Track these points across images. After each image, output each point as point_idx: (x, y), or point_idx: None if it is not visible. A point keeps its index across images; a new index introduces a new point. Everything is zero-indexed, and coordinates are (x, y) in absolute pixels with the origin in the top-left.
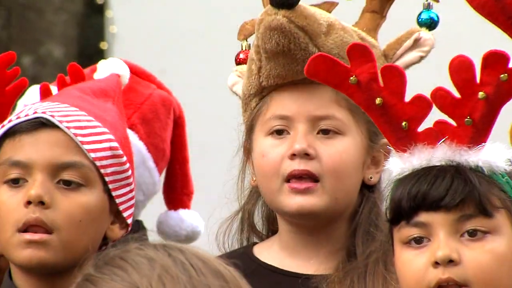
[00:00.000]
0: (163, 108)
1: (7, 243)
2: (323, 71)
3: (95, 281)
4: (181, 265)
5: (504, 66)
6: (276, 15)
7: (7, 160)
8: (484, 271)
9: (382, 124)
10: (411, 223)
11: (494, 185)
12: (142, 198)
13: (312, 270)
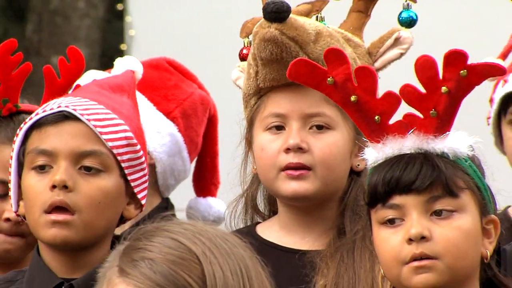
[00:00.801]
0: (201, 106)
1: (35, 223)
2: (303, 74)
3: (144, 248)
4: (220, 237)
5: (463, 63)
6: (269, 28)
7: (35, 149)
8: (452, 245)
9: (357, 118)
10: (386, 205)
11: (459, 168)
12: (174, 182)
13: (307, 246)
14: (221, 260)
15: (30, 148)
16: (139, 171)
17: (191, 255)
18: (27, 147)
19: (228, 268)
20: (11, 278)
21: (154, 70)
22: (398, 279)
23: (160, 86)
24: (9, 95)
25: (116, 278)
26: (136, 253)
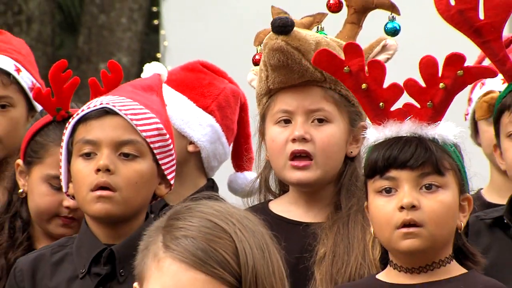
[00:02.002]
0: (233, 98)
1: (83, 200)
2: (325, 62)
3: (185, 228)
4: (245, 218)
5: (461, 64)
6: (276, 39)
7: (81, 140)
8: (436, 215)
9: (364, 103)
10: (384, 177)
11: (445, 152)
12: (217, 164)
13: (310, 219)
14: (249, 238)
15: (77, 138)
16: (169, 156)
17: (226, 234)
18: (75, 138)
19: (254, 245)
20: (63, 243)
21: (191, 72)
22: (389, 241)
23: (196, 86)
24: (61, 104)
25: (163, 253)
26: (178, 232)
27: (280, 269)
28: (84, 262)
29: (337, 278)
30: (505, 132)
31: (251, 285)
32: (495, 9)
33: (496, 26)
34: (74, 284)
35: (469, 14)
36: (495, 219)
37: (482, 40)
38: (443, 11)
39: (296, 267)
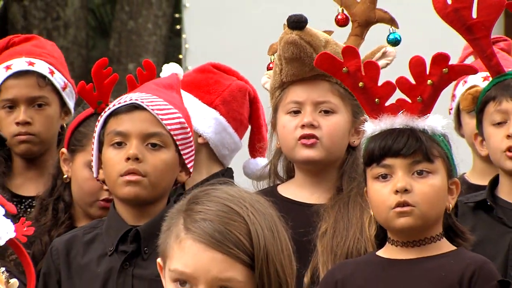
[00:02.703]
0: (239, 93)
1: (114, 184)
2: (326, 63)
3: (203, 212)
4: (256, 201)
5: (446, 63)
6: (291, 34)
7: (113, 131)
8: (427, 197)
9: (362, 99)
10: (380, 165)
11: (434, 142)
12: (228, 152)
13: (314, 200)
14: (260, 220)
15: (109, 130)
16: (189, 147)
17: (240, 217)
18: (106, 129)
19: (265, 226)
20: (94, 225)
21: (201, 73)
22: (386, 220)
23: (203, 84)
24: (102, 98)
25: (184, 235)
26: (197, 215)
27: (287, 246)
28: (112, 241)
29: (336, 250)
30: (490, 120)
31: (262, 262)
32: (487, 9)
33: (487, 25)
34: (103, 261)
35: (463, 13)
36: (478, 203)
37: (473, 37)
38: (440, 9)
39: (300, 241)
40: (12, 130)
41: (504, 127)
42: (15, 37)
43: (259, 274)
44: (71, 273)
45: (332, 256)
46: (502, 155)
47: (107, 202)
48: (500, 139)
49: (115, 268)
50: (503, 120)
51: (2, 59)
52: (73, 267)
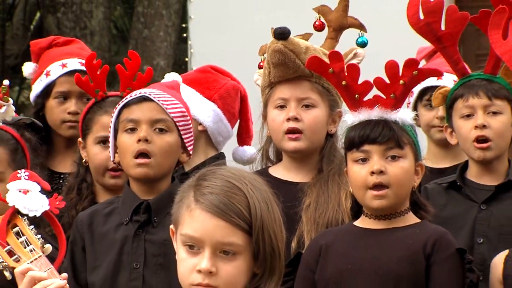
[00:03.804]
0: (233, 90)
1: (128, 165)
2: (315, 65)
3: (210, 187)
4: (253, 179)
5: (416, 66)
6: (277, 43)
7: (126, 119)
8: (398, 178)
9: (344, 95)
10: (359, 150)
11: (404, 131)
12: (222, 139)
13: (299, 180)
14: (257, 195)
15: (122, 119)
16: (189, 132)
17: (240, 192)
18: (120, 119)
19: (261, 199)
20: (111, 201)
21: (201, 73)
22: (363, 199)
23: (204, 82)
24: (98, 87)
25: (194, 205)
26: (205, 189)
27: (278, 217)
28: (127, 213)
29: (318, 220)
30: (459, 114)
31: (258, 229)
32: (454, 22)
33: (454, 35)
34: (120, 229)
35: (434, 26)
36: (450, 183)
37: (442, 46)
38: (414, 23)
39: (288, 213)
40: (62, 117)
41: (471, 120)
42: (57, 38)
43: (256, 239)
44: (93, 240)
45: (315, 226)
46: (471, 145)
47: (116, 172)
48: (468, 130)
49: (130, 235)
50: (471, 113)
51: (53, 57)
52: (95, 235)
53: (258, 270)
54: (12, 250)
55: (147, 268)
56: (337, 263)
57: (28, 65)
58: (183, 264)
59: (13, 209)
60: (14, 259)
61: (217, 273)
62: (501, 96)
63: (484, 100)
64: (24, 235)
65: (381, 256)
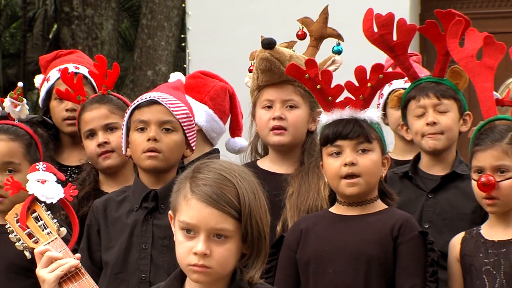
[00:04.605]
0: (221, 91)
1: (138, 158)
2: (293, 71)
3: (204, 179)
4: (242, 171)
5: (382, 70)
6: (264, 52)
7: (137, 120)
8: (368, 169)
9: (319, 98)
10: (333, 145)
11: (372, 128)
12: (215, 135)
13: (284, 171)
14: (245, 185)
15: (134, 119)
16: (192, 131)
17: (231, 183)
18: (132, 119)
19: (249, 190)
20: (123, 190)
21: (192, 79)
22: (337, 188)
23: (195, 87)
24: (79, 94)
25: (190, 195)
26: (200, 181)
27: (264, 204)
28: (137, 200)
29: (300, 207)
30: (413, 114)
31: (247, 216)
32: (403, 33)
33: (404, 45)
34: (131, 215)
35: (386, 37)
36: (403, 173)
37: (395, 54)
38: (369, 35)
39: (274, 201)
40: (62, 115)
41: (423, 118)
42: (61, 51)
43: (244, 225)
44: (107, 224)
45: (297, 212)
46: (423, 139)
47: (106, 153)
48: (420, 126)
49: (139, 220)
50: (422, 113)
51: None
52: (109, 219)
53: (247, 251)
54: (32, 233)
55: (154, 248)
56: (315, 244)
57: (38, 77)
58: (181, 247)
59: (33, 196)
60: (33, 241)
61: (211, 254)
62: (448, 96)
63: (434, 100)
64: (42, 219)
65: (354, 239)
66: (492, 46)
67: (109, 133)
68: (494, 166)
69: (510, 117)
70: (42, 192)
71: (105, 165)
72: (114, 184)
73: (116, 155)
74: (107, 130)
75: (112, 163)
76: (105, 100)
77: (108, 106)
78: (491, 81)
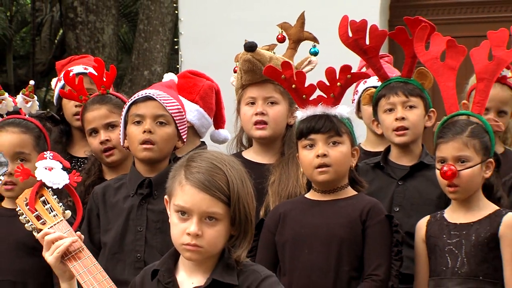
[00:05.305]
0: (209, 90)
1: (135, 149)
2: (270, 72)
3: (197, 167)
4: (231, 161)
5: (349, 71)
6: (247, 54)
7: (134, 114)
8: (338, 159)
9: (294, 96)
10: (307, 138)
11: (342, 123)
12: (204, 130)
13: (266, 161)
14: (234, 173)
15: (131, 113)
16: (184, 125)
17: (221, 171)
18: (129, 113)
19: (238, 177)
20: (120, 177)
21: (182, 79)
22: (311, 176)
23: (186, 87)
24: (80, 93)
25: (184, 182)
26: (193, 169)
27: (250, 191)
28: (133, 187)
29: (281, 194)
30: (383, 110)
31: (235, 201)
32: (375, 38)
33: (376, 48)
34: (127, 200)
35: (360, 41)
36: (375, 163)
37: (367, 57)
38: (344, 40)
39: (258, 188)
40: (72, 111)
41: (392, 114)
42: (74, 57)
43: (233, 209)
44: (106, 208)
45: (278, 198)
46: (392, 132)
47: (108, 151)
48: (390, 121)
49: (135, 205)
50: (392, 108)
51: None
52: (107, 204)
53: (235, 232)
54: (40, 215)
55: (148, 231)
56: (292, 227)
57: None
58: (175, 228)
59: (40, 182)
60: (41, 222)
61: (203, 235)
62: (415, 94)
63: (402, 98)
64: (49, 203)
65: (327, 222)
66: (454, 49)
67: (110, 131)
68: (456, 156)
69: (470, 112)
70: (49, 178)
71: (109, 161)
72: (116, 174)
73: (118, 151)
74: (108, 128)
75: (115, 159)
76: (105, 100)
77: (107, 106)
78: (453, 80)
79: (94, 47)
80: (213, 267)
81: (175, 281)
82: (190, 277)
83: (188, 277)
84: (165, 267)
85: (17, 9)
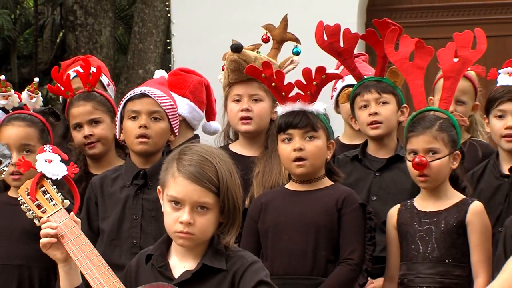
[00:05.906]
0: (199, 85)
1: (131, 143)
2: (252, 71)
3: (189, 160)
4: (220, 154)
5: (324, 72)
6: (233, 55)
7: (130, 110)
8: (313, 153)
9: (275, 93)
10: (285, 133)
11: (318, 118)
12: (196, 123)
13: (251, 154)
14: (223, 165)
15: (127, 109)
16: (176, 120)
17: (211, 164)
18: (125, 109)
19: (226, 169)
20: (117, 168)
21: (173, 76)
22: (289, 168)
23: (176, 84)
24: (67, 89)
25: (177, 173)
26: (185, 161)
27: (238, 182)
28: (129, 178)
29: (265, 184)
30: (358, 107)
31: (224, 191)
32: (348, 40)
33: (350, 50)
34: (123, 190)
35: (335, 44)
36: (354, 156)
37: (342, 58)
38: (320, 43)
39: (244, 179)
40: None
41: (367, 110)
42: (78, 57)
43: (222, 198)
44: (104, 198)
45: (262, 188)
46: (367, 127)
47: (91, 144)
48: (365, 117)
49: (131, 194)
50: (366, 105)
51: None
52: (105, 193)
53: (224, 220)
54: (40, 204)
55: (143, 219)
56: (273, 215)
57: None
58: (168, 217)
59: (41, 174)
60: (41, 211)
61: (194, 223)
62: (388, 91)
63: (375, 95)
64: (48, 193)
65: (306, 211)
66: (422, 50)
67: (93, 126)
68: (426, 148)
69: (438, 108)
70: (49, 170)
71: (90, 153)
72: (100, 167)
73: (100, 144)
74: (92, 123)
75: (96, 152)
76: (90, 97)
77: (92, 103)
78: (421, 79)
79: (93, 47)
80: (203, 253)
81: (168, 265)
82: (182, 262)
83: (180, 262)
84: (158, 252)
85: (21, 12)
